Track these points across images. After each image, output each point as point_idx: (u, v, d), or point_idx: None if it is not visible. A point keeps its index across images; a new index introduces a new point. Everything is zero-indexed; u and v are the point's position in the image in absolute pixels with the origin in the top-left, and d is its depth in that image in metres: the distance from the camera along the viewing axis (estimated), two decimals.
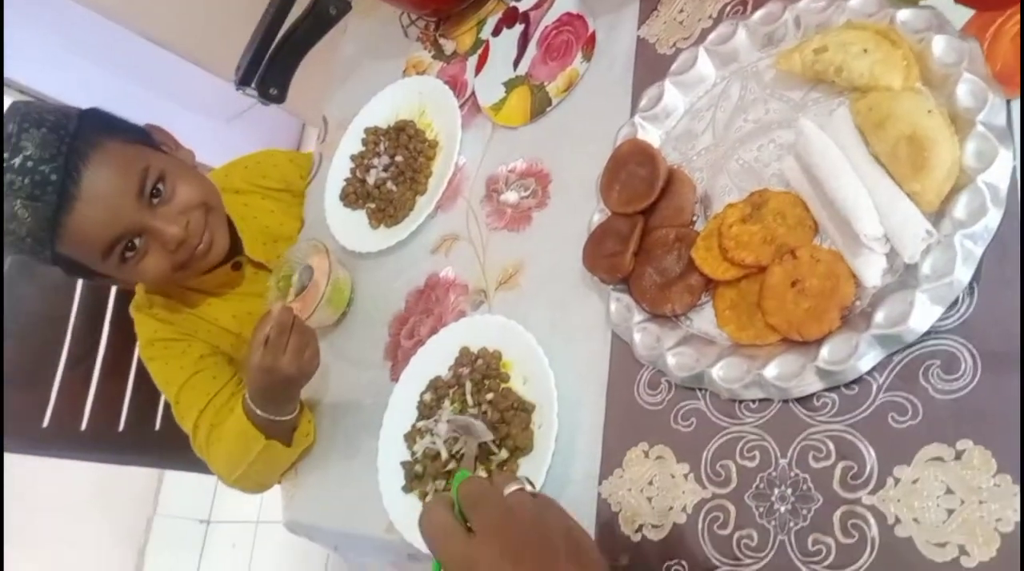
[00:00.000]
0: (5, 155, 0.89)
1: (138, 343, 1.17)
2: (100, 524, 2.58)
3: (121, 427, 1.39)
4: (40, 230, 0.92)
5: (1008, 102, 0.60)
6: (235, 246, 1.11)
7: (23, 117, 0.92)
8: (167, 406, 1.36)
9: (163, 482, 2.72)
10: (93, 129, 0.96)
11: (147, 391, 1.34)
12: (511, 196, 0.94)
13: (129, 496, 2.67)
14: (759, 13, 0.77)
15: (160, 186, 0.99)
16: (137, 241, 0.99)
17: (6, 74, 1.99)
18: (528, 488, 0.57)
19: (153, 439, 1.42)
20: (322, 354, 1.06)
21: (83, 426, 1.34)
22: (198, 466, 1.38)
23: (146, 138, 1.04)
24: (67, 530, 2.41)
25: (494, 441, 0.78)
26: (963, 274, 0.57)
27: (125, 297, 1.37)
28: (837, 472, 0.60)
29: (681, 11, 0.86)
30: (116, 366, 1.38)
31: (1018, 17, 0.61)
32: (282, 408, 0.98)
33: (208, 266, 1.07)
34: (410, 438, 0.89)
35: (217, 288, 1.15)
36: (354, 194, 1.10)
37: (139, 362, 1.28)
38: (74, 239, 0.94)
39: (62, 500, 2.39)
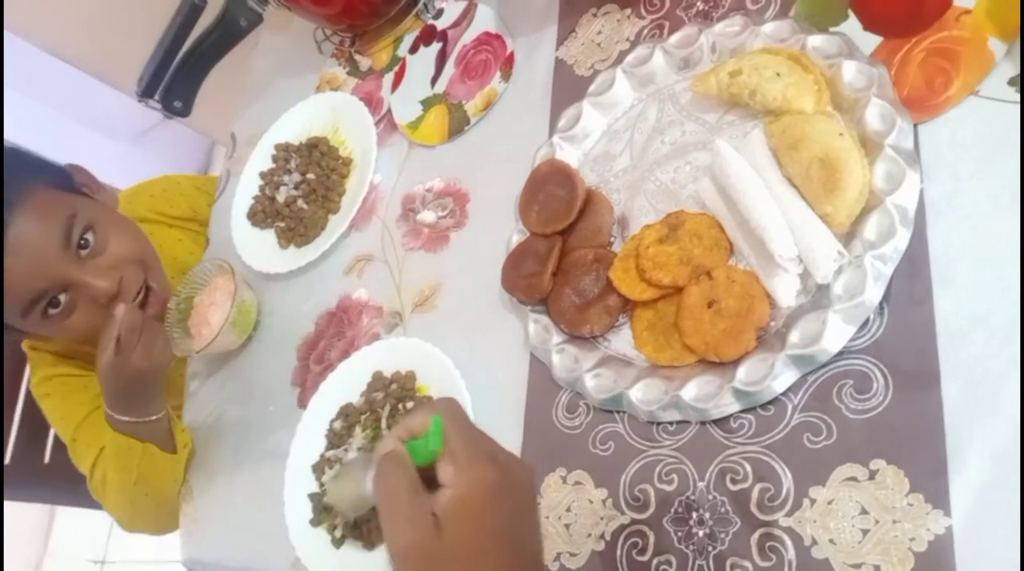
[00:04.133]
0: None
1: (31, 380, 1.09)
2: None
3: (7, 460, 1.29)
4: None
5: (915, 125, 0.61)
6: None
7: None
8: (58, 438, 1.27)
9: (54, 520, 2.55)
10: (16, 175, 0.89)
11: (36, 421, 1.25)
12: (428, 216, 0.92)
13: (17, 535, 2.49)
14: (676, 36, 0.77)
15: (88, 236, 0.93)
16: (62, 296, 0.92)
17: None
18: None
19: (43, 473, 1.32)
20: (226, 380, 1.02)
21: None
22: (92, 502, 1.29)
23: (69, 182, 0.98)
24: None
25: None
26: (874, 294, 0.58)
27: None
28: (754, 494, 0.60)
29: (599, 33, 0.86)
30: (3, 393, 1.29)
31: (924, 44, 0.62)
32: (144, 408, 0.94)
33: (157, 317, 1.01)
34: (319, 469, 0.85)
35: None
36: (263, 213, 1.06)
37: (28, 390, 1.19)
38: None
39: None
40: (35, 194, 0.89)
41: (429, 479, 0.49)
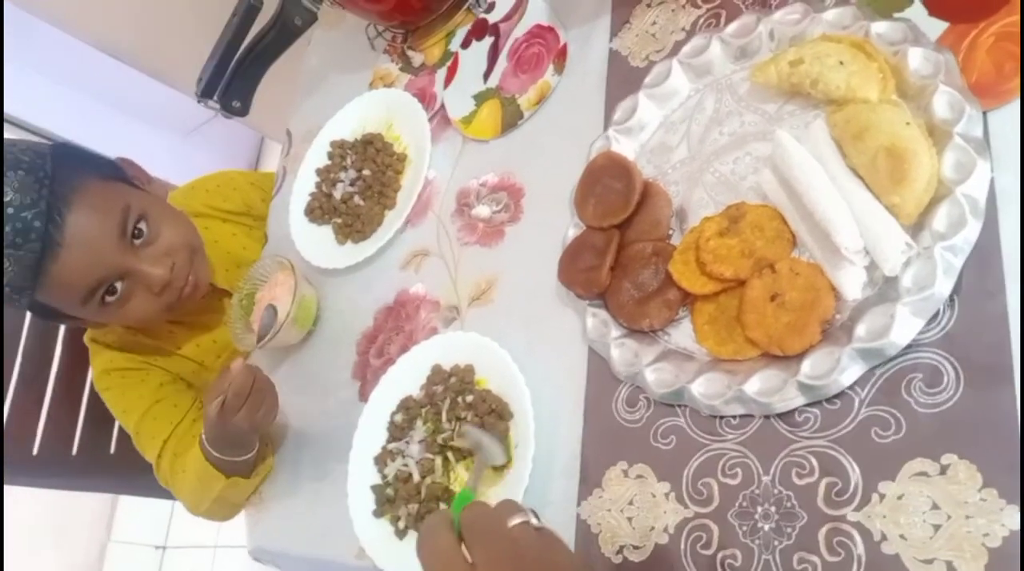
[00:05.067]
0: None
1: (92, 373, 1.13)
2: (52, 552, 2.48)
3: (75, 450, 1.33)
4: (22, 279, 0.87)
5: (984, 113, 0.60)
6: None
7: None
8: (123, 429, 1.31)
9: (117, 507, 2.63)
10: (70, 169, 0.91)
11: (101, 412, 1.29)
12: (483, 210, 0.93)
13: (82, 522, 2.58)
14: (733, 26, 0.76)
15: (142, 226, 0.96)
16: (119, 284, 0.95)
17: None
18: (533, 521, 0.54)
19: (108, 463, 1.37)
20: (288, 375, 1.04)
21: (35, 450, 1.28)
22: (155, 491, 1.33)
23: (120, 173, 1.01)
24: (17, 559, 2.31)
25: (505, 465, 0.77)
26: (944, 286, 0.57)
27: None
28: (821, 489, 0.59)
29: (654, 24, 0.85)
30: (69, 385, 1.34)
31: (992, 29, 0.61)
32: (239, 451, 0.95)
33: (191, 304, 1.04)
34: (381, 460, 0.86)
35: (178, 316, 1.11)
36: (320, 209, 1.08)
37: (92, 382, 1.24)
38: (56, 285, 0.90)
39: (11, 528, 2.30)
40: (88, 187, 0.91)
41: None
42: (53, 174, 0.88)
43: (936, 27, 0.65)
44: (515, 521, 0.52)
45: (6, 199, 0.84)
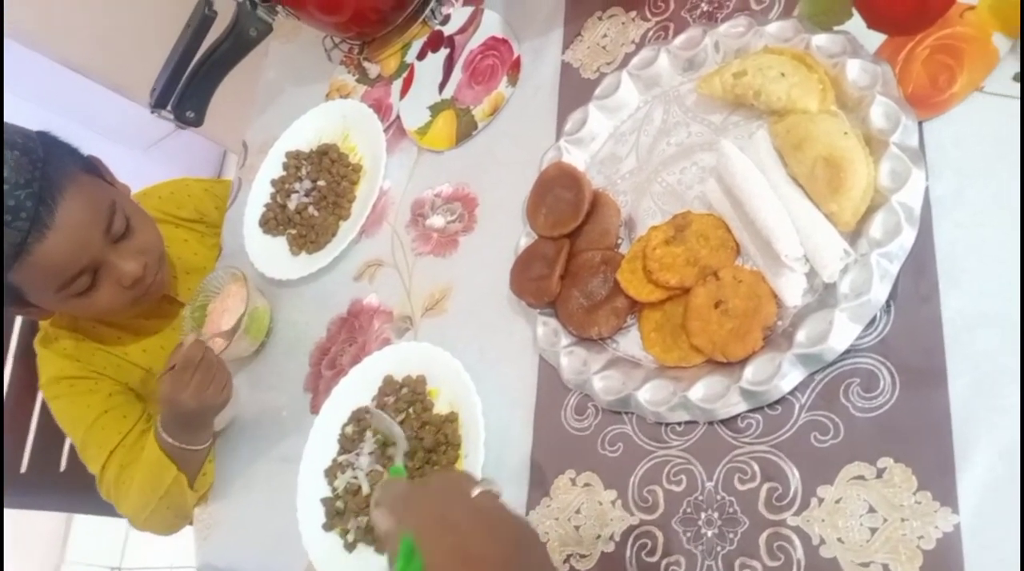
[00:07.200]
0: None
1: (40, 379, 1.11)
2: None
3: (24, 468, 1.30)
4: (2, 257, 0.87)
5: (920, 123, 0.61)
6: None
7: None
8: (74, 446, 1.29)
9: (71, 528, 2.57)
10: (59, 157, 0.92)
11: (52, 429, 1.26)
12: (437, 220, 0.93)
13: (35, 543, 2.52)
14: (680, 38, 0.78)
15: (123, 224, 0.97)
16: (90, 276, 0.95)
17: None
18: (495, 490, 0.56)
19: (59, 481, 1.33)
20: (240, 386, 1.03)
21: None
22: (107, 509, 1.30)
23: (96, 171, 1.01)
24: None
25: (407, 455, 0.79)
26: (880, 292, 0.58)
27: (29, 328, 1.30)
28: (762, 494, 0.60)
29: (604, 36, 0.86)
30: (19, 402, 1.30)
31: (928, 42, 0.63)
32: (192, 437, 0.95)
33: (145, 304, 1.04)
34: (331, 473, 0.85)
35: (126, 321, 1.10)
36: (274, 220, 1.07)
37: (44, 400, 1.21)
38: (37, 267, 0.89)
39: None
40: (79, 178, 0.92)
41: None
42: (45, 158, 0.89)
43: (874, 40, 0.67)
44: (477, 491, 0.55)
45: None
